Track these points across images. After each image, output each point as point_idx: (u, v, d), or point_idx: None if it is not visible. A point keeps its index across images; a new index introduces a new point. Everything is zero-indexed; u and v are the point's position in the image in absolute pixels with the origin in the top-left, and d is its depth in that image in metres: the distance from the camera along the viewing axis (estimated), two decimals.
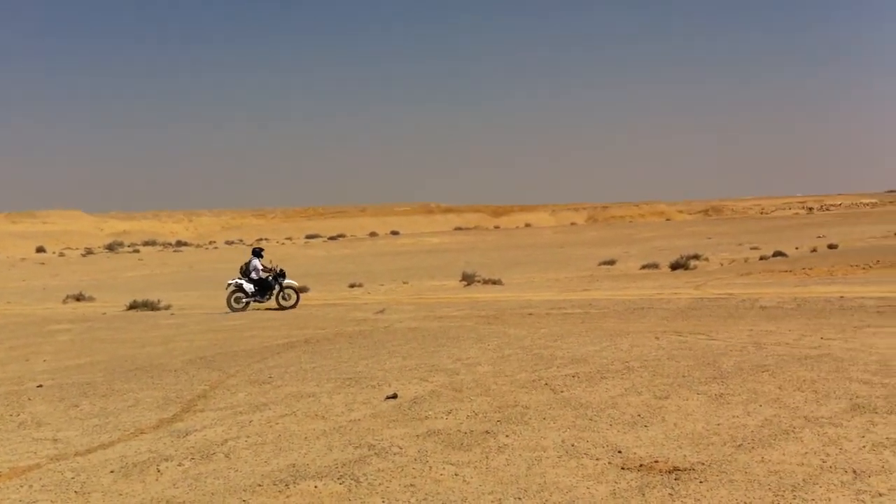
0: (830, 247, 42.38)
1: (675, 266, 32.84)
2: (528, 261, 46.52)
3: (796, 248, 42.89)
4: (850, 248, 40.89)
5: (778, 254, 37.83)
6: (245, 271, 23.04)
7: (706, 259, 37.60)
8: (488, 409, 7.85)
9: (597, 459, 6.09)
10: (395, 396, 8.61)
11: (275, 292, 22.86)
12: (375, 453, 6.54)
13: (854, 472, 5.50)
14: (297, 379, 10.12)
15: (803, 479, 5.41)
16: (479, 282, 29.33)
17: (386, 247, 77.04)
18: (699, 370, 9.13)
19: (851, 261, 29.74)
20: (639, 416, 7.25)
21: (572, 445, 6.46)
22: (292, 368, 10.98)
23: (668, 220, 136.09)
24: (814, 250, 40.91)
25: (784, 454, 5.95)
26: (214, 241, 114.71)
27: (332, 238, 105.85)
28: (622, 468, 5.87)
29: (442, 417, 7.61)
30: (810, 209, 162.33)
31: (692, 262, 34.10)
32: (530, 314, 16.57)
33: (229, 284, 23.08)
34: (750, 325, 13.07)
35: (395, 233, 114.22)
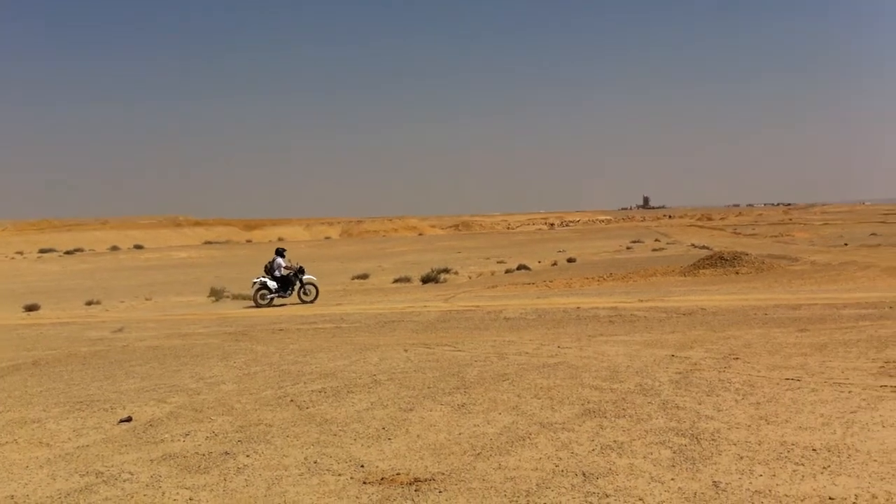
0: (569, 260, 44.80)
1: (426, 280, 33.47)
2: None
3: (539, 262, 44.95)
4: (587, 261, 43.41)
5: (522, 267, 39.51)
6: (269, 269, 25.19)
7: (456, 272, 38.60)
8: (230, 428, 7.58)
9: (339, 475, 6.01)
10: (129, 419, 8.15)
11: (296, 288, 25.20)
12: (104, 481, 6.13)
13: (584, 474, 5.76)
14: (21, 404, 9.35)
15: (537, 484, 5.60)
16: (228, 297, 28.52)
17: (128, 261, 73.29)
18: (444, 381, 9.30)
19: (588, 274, 31.55)
20: (383, 429, 7.25)
21: (315, 462, 6.35)
22: (16, 393, 10.15)
23: (420, 234, 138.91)
24: (554, 264, 43.06)
25: (520, 460, 6.14)
26: None
27: (68, 252, 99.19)
28: (364, 483, 5.83)
29: (179, 440, 7.27)
30: (552, 225, 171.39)
31: (442, 276, 34.88)
32: (280, 330, 16.29)
33: (255, 283, 25.05)
34: (494, 336, 13.49)
35: (139, 246, 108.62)
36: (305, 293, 25.19)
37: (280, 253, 25.81)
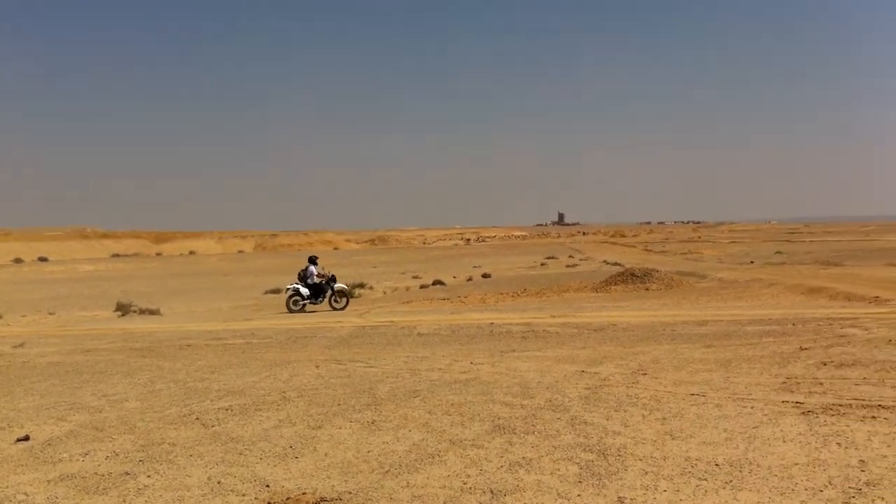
0: (485, 276, 45.03)
1: None
2: (190, 289, 45.00)
3: (454, 277, 45.10)
4: (502, 277, 43.72)
5: (437, 282, 39.61)
6: (302, 276, 26.08)
7: (371, 287, 38.45)
8: (131, 448, 7.36)
9: (243, 496, 5.88)
10: (26, 438, 7.85)
11: (327, 296, 25.92)
12: None
13: (492, 492, 5.73)
14: None
15: (444, 502, 5.56)
16: (135, 312, 27.80)
17: (32, 274, 71.04)
18: (355, 398, 9.20)
19: (502, 289, 31.75)
20: (291, 447, 7.13)
21: (218, 482, 6.19)
22: None
23: (336, 248, 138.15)
24: (470, 279, 43.25)
25: (428, 478, 6.09)
26: None
27: None
28: (268, 503, 5.70)
29: (78, 459, 7.02)
30: (468, 240, 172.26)
31: (357, 291, 34.70)
32: (188, 345, 15.94)
33: (288, 289, 26.31)
34: (407, 352, 13.43)
35: (43, 259, 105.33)
36: (336, 301, 25.98)
37: (313, 261, 26.79)
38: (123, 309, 28.39)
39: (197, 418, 8.53)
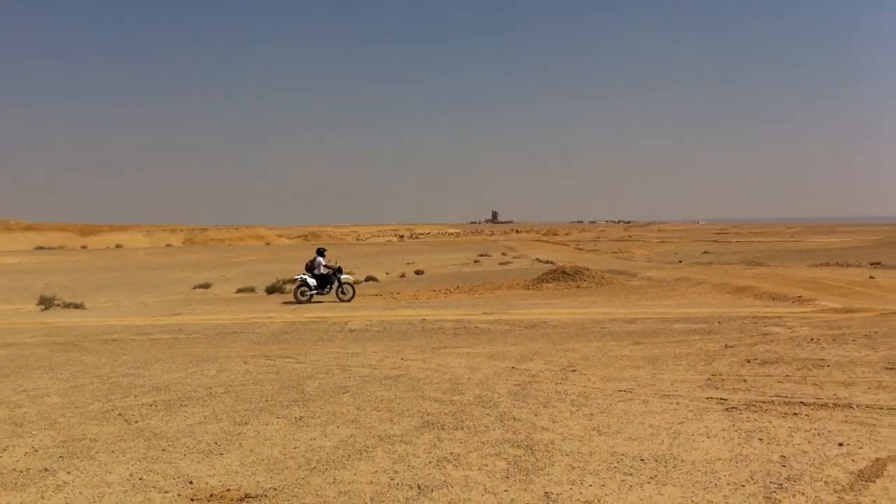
0: (418, 273, 44.98)
1: (271, 290, 32.84)
2: (117, 283, 44.04)
3: (387, 274, 44.96)
4: (435, 274, 43.70)
5: (370, 279, 39.39)
6: (310, 267, 26.88)
7: None
8: (51, 444, 7.16)
9: (165, 492, 5.75)
10: None
11: (334, 287, 26.48)
12: None
13: (419, 487, 5.71)
14: None
15: (371, 498, 5.51)
16: (59, 306, 27.09)
17: None
18: (283, 394, 9.10)
19: (435, 286, 31.74)
20: (216, 443, 7.01)
21: (140, 479, 6.05)
22: None
23: (267, 244, 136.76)
24: (403, 276, 43.15)
25: (356, 474, 6.04)
26: None
27: None
28: (191, 500, 5.59)
29: None
30: (402, 237, 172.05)
31: (289, 286, 34.35)
32: (114, 340, 15.60)
33: (295, 279, 26.96)
34: (338, 348, 13.34)
35: None
36: (343, 292, 26.42)
37: (321, 252, 27.46)
38: (47, 303, 27.64)
39: (120, 414, 8.34)
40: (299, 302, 25.71)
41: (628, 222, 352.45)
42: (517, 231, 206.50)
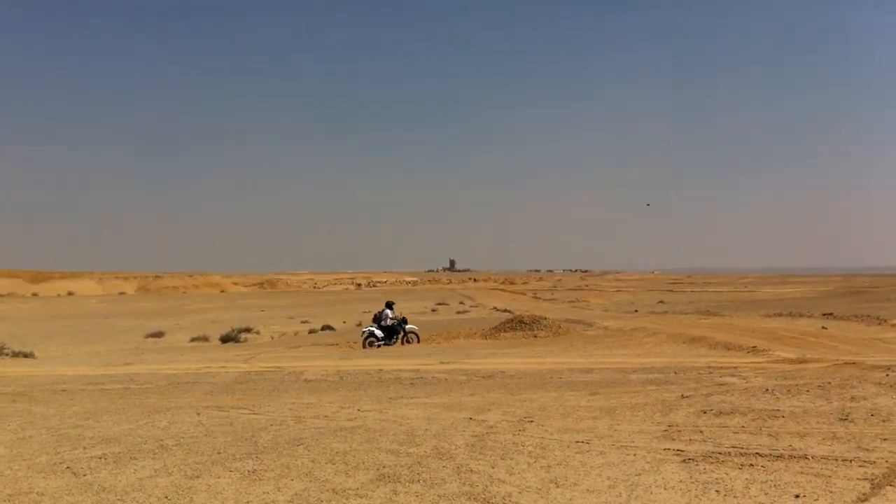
0: None
1: (225, 339, 32.57)
2: (68, 332, 43.32)
3: (344, 322, 44.80)
4: None
5: (327, 327, 39.26)
6: (377, 318, 28.35)
7: (258, 332, 37.80)
8: None
9: None
10: None
11: (399, 336, 28.07)
12: None
13: None
14: None
15: None
16: (7, 355, 26.56)
17: None
18: (236, 446, 8.93)
19: None
20: (166, 497, 6.84)
21: None
22: None
23: (222, 291, 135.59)
24: (359, 324, 42.93)
25: None
26: None
27: None
28: None
29: None
30: (359, 285, 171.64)
31: (243, 335, 34.07)
32: (63, 390, 15.27)
33: (364, 331, 28.67)
34: (293, 399, 13.17)
35: None
36: (408, 340, 28.13)
37: (389, 306, 28.86)
38: None
39: (68, 467, 8.13)
40: (365, 349, 27.16)
41: (585, 271, 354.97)
42: (474, 280, 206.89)
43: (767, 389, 12.29)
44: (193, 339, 34.39)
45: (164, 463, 8.20)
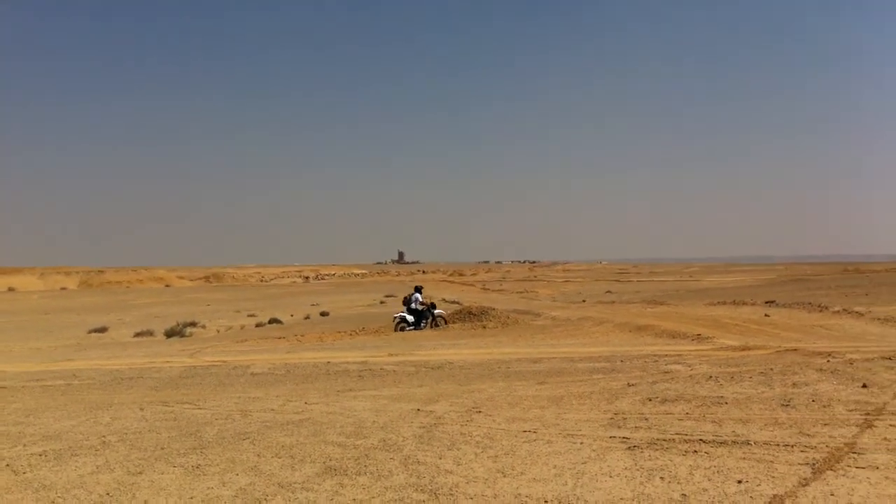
0: (323, 314, 44.58)
1: (170, 333, 32.16)
2: (8, 328, 42.41)
3: (291, 316, 44.43)
4: (341, 315, 43.35)
5: (274, 321, 38.90)
6: (406, 302, 29.39)
7: (203, 326, 37.35)
8: None
9: None
10: None
11: (429, 321, 29.15)
12: None
13: None
14: None
15: None
16: None
17: None
18: (180, 441, 8.81)
19: (340, 327, 31.47)
20: (108, 494, 6.72)
21: None
22: None
23: (167, 286, 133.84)
24: (307, 317, 42.71)
25: None
26: None
27: None
28: None
29: None
30: (307, 278, 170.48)
31: (188, 330, 33.66)
32: (3, 387, 14.97)
33: (395, 317, 29.64)
34: (239, 393, 13.04)
35: None
36: (436, 325, 29.14)
37: (418, 290, 29.99)
38: None
39: (8, 465, 7.95)
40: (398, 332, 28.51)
41: (533, 262, 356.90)
42: (423, 271, 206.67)
43: (711, 376, 12.46)
44: (137, 335, 33.87)
45: (106, 459, 8.05)
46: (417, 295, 29.47)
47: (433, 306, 29.93)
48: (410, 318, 28.98)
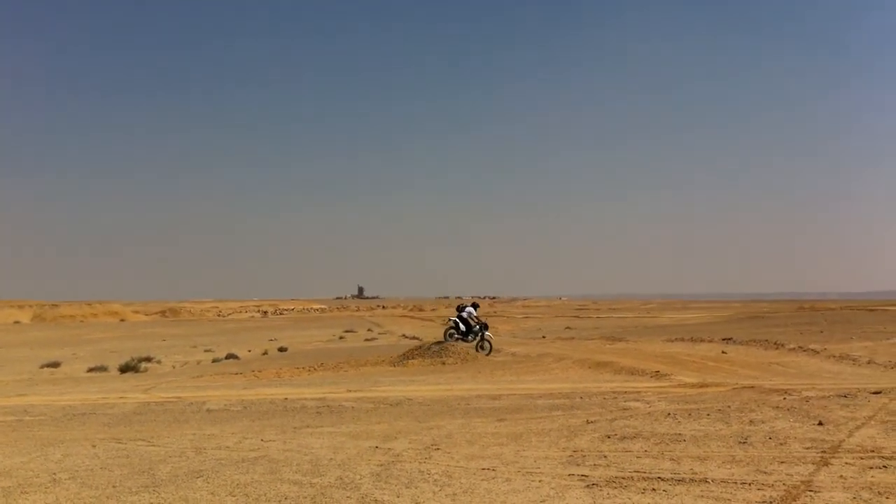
0: (281, 350, 44.28)
1: (124, 369, 31.68)
2: None
3: (249, 351, 44.09)
4: (299, 350, 43.05)
5: (231, 356, 38.52)
6: (460, 308, 29.79)
7: (159, 361, 36.88)
8: None
9: None
10: None
11: (476, 338, 28.87)
12: None
13: None
14: None
15: None
16: None
17: None
18: (133, 479, 8.63)
19: (298, 363, 31.20)
20: None
21: None
22: None
23: (122, 320, 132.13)
24: (265, 353, 42.38)
25: None
26: None
27: None
28: None
29: None
30: (265, 313, 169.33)
31: (143, 365, 33.19)
32: None
33: (449, 319, 29.92)
34: (194, 429, 12.83)
35: None
36: (482, 347, 28.70)
37: (475, 306, 30.31)
38: None
39: None
40: (446, 340, 29.20)
41: (493, 298, 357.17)
42: (383, 307, 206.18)
43: (669, 414, 12.51)
44: (91, 370, 33.30)
45: (56, 497, 7.87)
46: (471, 309, 29.77)
47: (486, 326, 29.75)
48: (462, 326, 29.20)
